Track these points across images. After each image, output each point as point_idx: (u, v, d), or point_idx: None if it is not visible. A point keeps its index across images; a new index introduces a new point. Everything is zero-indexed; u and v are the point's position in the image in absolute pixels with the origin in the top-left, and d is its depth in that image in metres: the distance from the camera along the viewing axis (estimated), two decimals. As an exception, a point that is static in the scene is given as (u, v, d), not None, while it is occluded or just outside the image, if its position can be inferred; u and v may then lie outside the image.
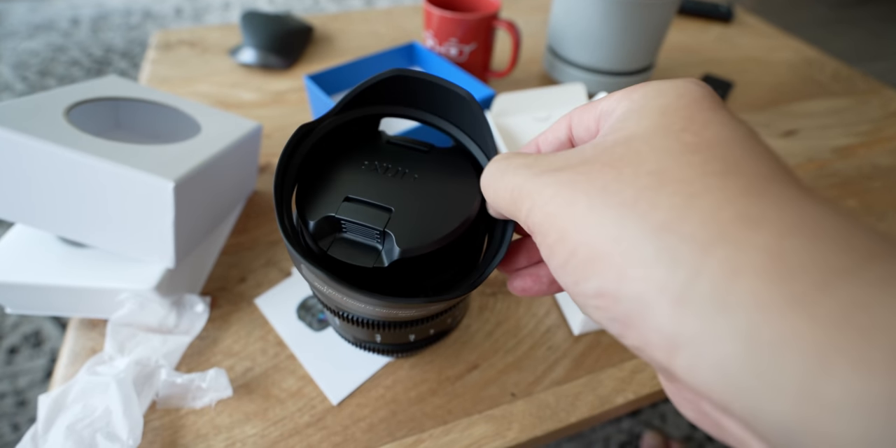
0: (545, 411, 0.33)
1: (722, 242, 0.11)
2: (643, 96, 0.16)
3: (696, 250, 0.11)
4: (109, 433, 0.29)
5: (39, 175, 0.30)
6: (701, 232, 0.12)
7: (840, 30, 2.26)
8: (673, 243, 0.12)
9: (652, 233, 0.12)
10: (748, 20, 0.85)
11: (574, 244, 0.14)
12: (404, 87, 0.23)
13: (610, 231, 0.13)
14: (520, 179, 0.16)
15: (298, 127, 0.22)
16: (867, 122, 0.63)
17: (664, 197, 0.13)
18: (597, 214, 0.13)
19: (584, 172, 0.15)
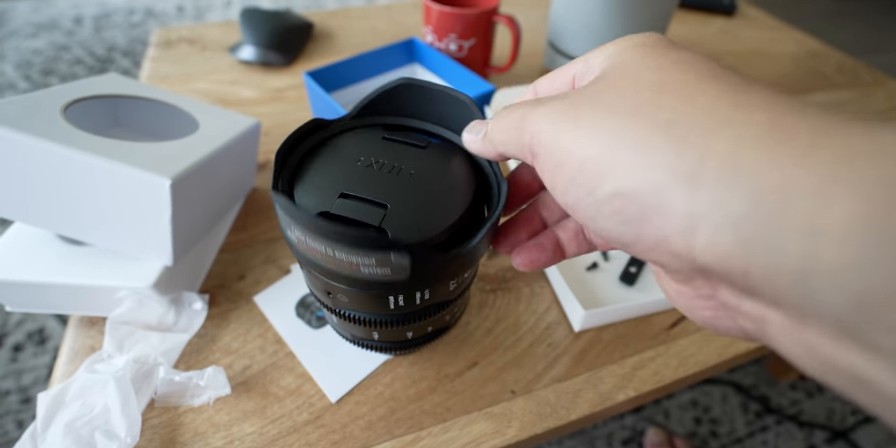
0: (545, 409, 0.33)
1: (724, 124, 0.13)
2: (615, 46, 0.17)
3: (701, 134, 0.13)
4: (108, 431, 0.29)
5: (37, 173, 0.30)
6: (704, 120, 0.13)
7: (842, 22, 2.24)
8: (680, 133, 0.13)
9: (659, 128, 0.13)
10: (751, 13, 0.84)
11: (583, 155, 0.15)
12: (410, 95, 0.25)
13: (619, 134, 0.14)
14: (523, 109, 0.18)
15: (312, 119, 0.24)
16: (872, 115, 0.62)
17: (665, 100, 0.14)
18: (605, 122, 0.15)
19: (586, 95, 0.16)
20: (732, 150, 0.12)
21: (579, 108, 0.16)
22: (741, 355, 0.37)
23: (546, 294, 0.39)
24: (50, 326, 1.02)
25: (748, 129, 0.12)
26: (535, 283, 0.40)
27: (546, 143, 0.16)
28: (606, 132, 0.14)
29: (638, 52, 0.16)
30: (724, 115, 0.13)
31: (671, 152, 0.13)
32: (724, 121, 0.13)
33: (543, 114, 0.17)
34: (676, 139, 0.13)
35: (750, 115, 0.13)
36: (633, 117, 0.14)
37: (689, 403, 0.94)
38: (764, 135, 0.12)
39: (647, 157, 0.13)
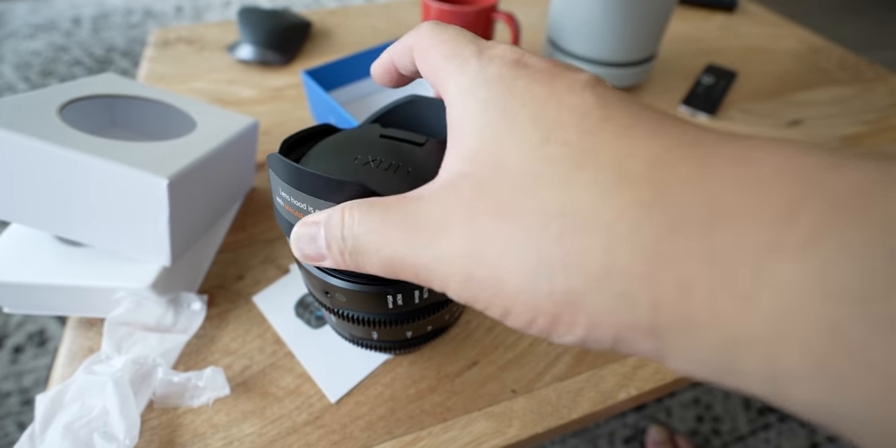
0: (546, 408, 0.33)
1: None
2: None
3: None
4: (106, 433, 0.29)
5: (33, 174, 0.29)
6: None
7: (845, 18, 2.23)
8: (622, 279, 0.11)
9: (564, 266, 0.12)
10: (752, 9, 0.83)
11: (525, 308, 0.13)
12: (418, 110, 0.26)
13: (553, 282, 0.12)
14: (399, 250, 0.15)
15: (323, 123, 0.24)
16: (874, 111, 0.62)
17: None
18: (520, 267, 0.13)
19: (473, 230, 0.13)
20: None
21: (478, 249, 0.13)
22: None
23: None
24: (50, 328, 1.02)
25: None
26: (535, 281, 0.40)
27: (463, 296, 0.14)
28: (531, 278, 0.12)
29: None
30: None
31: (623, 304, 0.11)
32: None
33: (430, 264, 0.14)
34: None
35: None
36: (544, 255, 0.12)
37: (691, 401, 0.94)
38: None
39: (599, 308, 0.12)
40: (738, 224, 0.10)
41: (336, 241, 0.17)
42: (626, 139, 0.12)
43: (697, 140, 0.12)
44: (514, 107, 0.14)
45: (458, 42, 0.16)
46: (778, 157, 0.10)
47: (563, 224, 0.12)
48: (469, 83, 0.15)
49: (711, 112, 0.58)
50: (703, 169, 0.11)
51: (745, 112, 0.60)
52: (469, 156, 0.14)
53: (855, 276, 0.08)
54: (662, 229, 0.11)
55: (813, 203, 0.09)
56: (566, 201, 0.12)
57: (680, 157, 0.11)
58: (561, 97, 0.14)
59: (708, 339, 0.10)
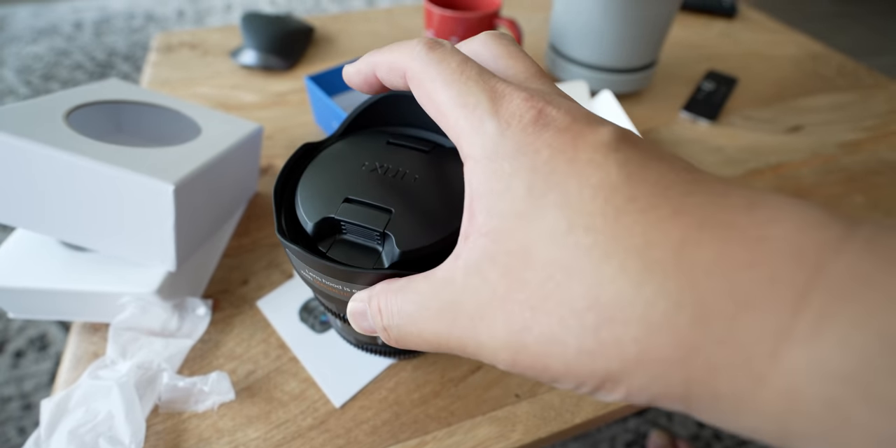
0: (549, 412, 0.33)
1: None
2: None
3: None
4: (112, 437, 0.29)
5: (40, 179, 0.30)
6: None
7: (843, 25, 2.24)
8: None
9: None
10: (752, 15, 0.84)
11: (570, 382, 0.14)
12: (394, 107, 0.24)
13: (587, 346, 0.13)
14: (442, 335, 0.16)
15: (302, 145, 0.23)
16: (873, 117, 0.62)
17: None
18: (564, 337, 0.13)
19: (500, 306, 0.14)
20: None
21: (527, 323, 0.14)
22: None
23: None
24: (51, 332, 1.02)
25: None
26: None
27: (520, 366, 0.15)
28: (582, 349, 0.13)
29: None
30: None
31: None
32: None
33: (482, 341, 0.15)
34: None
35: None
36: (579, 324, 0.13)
37: (692, 406, 0.94)
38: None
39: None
40: (755, 312, 0.11)
41: (380, 329, 0.18)
42: (650, 222, 0.12)
43: (717, 216, 0.12)
44: (539, 189, 0.14)
45: (465, 86, 0.15)
46: (791, 233, 0.11)
47: (597, 316, 0.12)
48: (488, 152, 0.15)
49: (712, 118, 0.59)
50: (722, 255, 0.12)
51: (746, 118, 0.61)
52: (495, 236, 0.14)
53: (852, 360, 0.10)
54: (690, 319, 0.11)
55: (819, 290, 0.10)
56: (597, 293, 0.12)
57: (702, 241, 0.12)
58: (584, 173, 0.13)
59: (731, 409, 0.12)
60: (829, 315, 0.10)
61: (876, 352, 0.10)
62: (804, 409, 0.10)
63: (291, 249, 0.20)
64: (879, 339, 0.10)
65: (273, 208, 0.22)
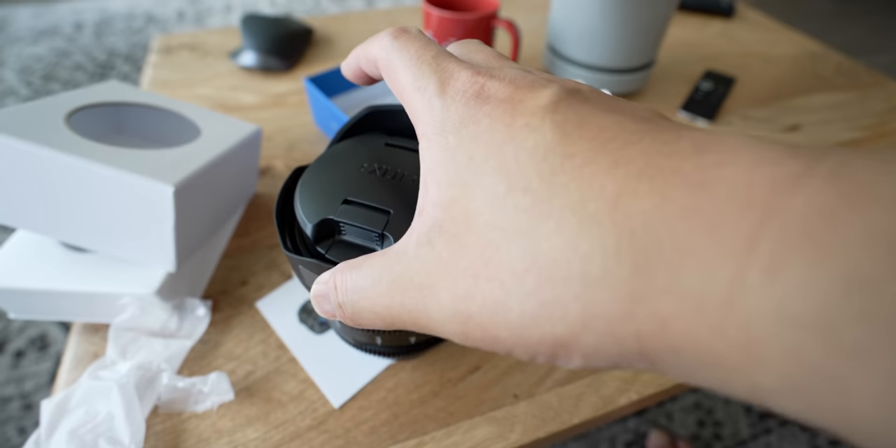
0: (548, 413, 0.33)
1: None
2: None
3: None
4: (112, 438, 0.29)
5: (40, 181, 0.30)
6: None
7: (841, 24, 2.24)
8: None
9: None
10: (749, 15, 0.84)
11: (523, 352, 0.13)
12: (381, 121, 0.25)
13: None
14: (394, 310, 0.16)
15: (294, 169, 0.24)
16: (871, 116, 0.62)
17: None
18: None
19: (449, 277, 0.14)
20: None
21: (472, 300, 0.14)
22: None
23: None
24: (52, 333, 1.02)
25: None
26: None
27: (478, 339, 0.14)
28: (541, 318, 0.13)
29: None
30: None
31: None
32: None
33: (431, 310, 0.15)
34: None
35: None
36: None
37: (693, 406, 0.94)
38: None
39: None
40: (700, 260, 0.10)
41: (336, 306, 0.17)
42: (586, 178, 0.12)
43: (659, 163, 0.12)
44: (479, 156, 0.14)
45: (420, 70, 0.16)
46: (739, 174, 0.10)
47: (537, 277, 0.12)
48: (436, 127, 0.15)
49: (710, 117, 0.59)
50: (662, 202, 0.11)
51: (744, 118, 0.61)
52: (442, 205, 0.15)
53: (812, 304, 0.09)
54: (631, 270, 0.11)
55: (769, 233, 0.10)
56: (535, 253, 0.12)
57: (640, 191, 0.11)
58: (519, 138, 0.13)
59: (693, 363, 0.11)
60: (784, 258, 0.09)
61: (839, 294, 0.09)
62: (767, 359, 0.10)
63: (300, 262, 0.21)
64: (842, 281, 0.09)
65: (276, 228, 0.22)
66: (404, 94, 0.17)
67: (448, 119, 0.15)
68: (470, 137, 0.14)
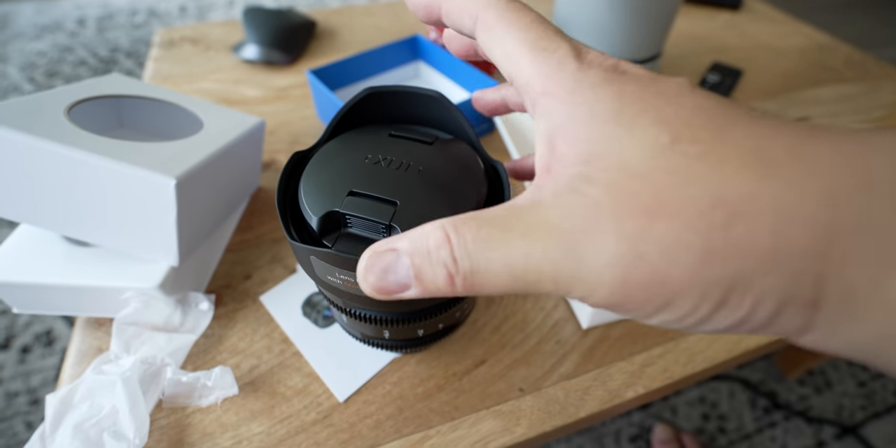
0: (554, 406, 0.33)
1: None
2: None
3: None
4: (116, 432, 0.29)
5: (42, 174, 0.29)
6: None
7: (850, 16, 2.22)
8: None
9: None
10: (757, 7, 0.83)
11: (690, 298, 0.12)
12: (380, 103, 0.25)
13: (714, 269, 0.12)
14: (533, 262, 0.13)
15: (292, 154, 0.23)
16: (880, 108, 0.61)
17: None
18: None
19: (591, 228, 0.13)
20: None
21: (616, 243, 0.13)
22: (751, 351, 0.37)
23: (553, 291, 0.39)
24: (58, 328, 1.03)
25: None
26: (542, 280, 0.40)
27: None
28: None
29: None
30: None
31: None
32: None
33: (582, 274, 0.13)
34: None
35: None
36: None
37: (697, 400, 0.94)
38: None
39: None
40: (886, 195, 0.11)
41: (439, 266, 0.14)
42: (756, 132, 0.12)
43: (818, 130, 0.12)
44: (631, 111, 0.13)
45: (545, 33, 0.16)
46: (889, 140, 0.11)
47: (725, 212, 0.12)
48: (569, 86, 0.14)
49: (717, 110, 0.58)
50: (837, 150, 0.11)
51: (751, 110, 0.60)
52: (585, 160, 0.14)
53: None
54: (821, 206, 0.11)
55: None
56: (721, 191, 0.12)
57: (813, 143, 0.12)
58: (676, 99, 0.13)
59: (861, 307, 0.11)
60: None
61: None
62: None
63: (302, 249, 0.20)
64: None
65: (279, 216, 0.22)
66: (518, 54, 0.16)
67: (586, 79, 0.14)
68: (616, 94, 0.14)
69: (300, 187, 0.22)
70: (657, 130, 0.13)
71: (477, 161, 0.23)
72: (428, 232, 0.15)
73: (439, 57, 0.56)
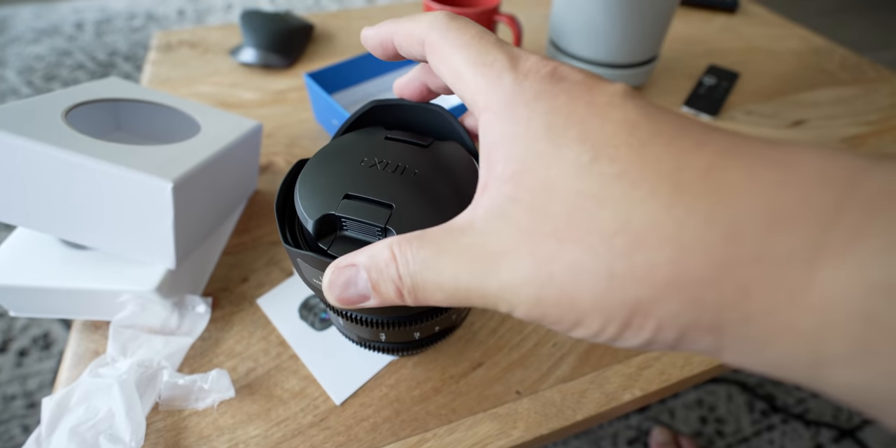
0: (551, 409, 0.33)
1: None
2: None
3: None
4: (112, 435, 0.29)
5: (39, 178, 0.30)
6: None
7: (846, 19, 2.23)
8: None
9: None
10: (753, 9, 0.83)
11: (596, 319, 0.13)
12: (383, 116, 0.25)
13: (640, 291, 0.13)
14: (462, 281, 0.15)
15: (296, 162, 0.24)
16: (876, 111, 0.62)
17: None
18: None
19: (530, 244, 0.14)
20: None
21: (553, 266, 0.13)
22: (748, 354, 0.37)
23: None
24: (55, 331, 1.02)
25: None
26: (539, 283, 0.40)
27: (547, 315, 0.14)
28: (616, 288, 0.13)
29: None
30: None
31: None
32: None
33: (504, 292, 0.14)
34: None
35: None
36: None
37: (695, 403, 0.94)
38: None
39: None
40: (788, 228, 0.11)
41: (388, 281, 0.16)
42: (675, 151, 0.12)
43: (740, 147, 0.12)
44: (558, 127, 0.14)
45: (485, 48, 0.16)
46: (816, 160, 0.11)
47: (628, 240, 0.12)
48: (505, 101, 0.15)
49: (714, 113, 0.58)
50: (751, 176, 0.12)
51: (748, 113, 0.60)
52: (514, 179, 0.14)
53: (887, 270, 0.10)
54: (722, 237, 0.11)
55: (852, 205, 0.10)
56: (627, 218, 0.12)
57: (728, 166, 0.12)
58: (603, 113, 0.14)
59: (763, 334, 0.11)
60: (864, 227, 0.10)
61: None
62: (841, 324, 0.10)
63: (291, 251, 0.21)
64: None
65: (276, 219, 0.22)
66: (461, 71, 0.16)
67: (521, 93, 0.15)
68: (547, 109, 0.14)
69: (296, 190, 0.22)
70: (580, 149, 0.13)
71: (473, 164, 0.23)
72: (380, 249, 0.16)
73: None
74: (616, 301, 0.12)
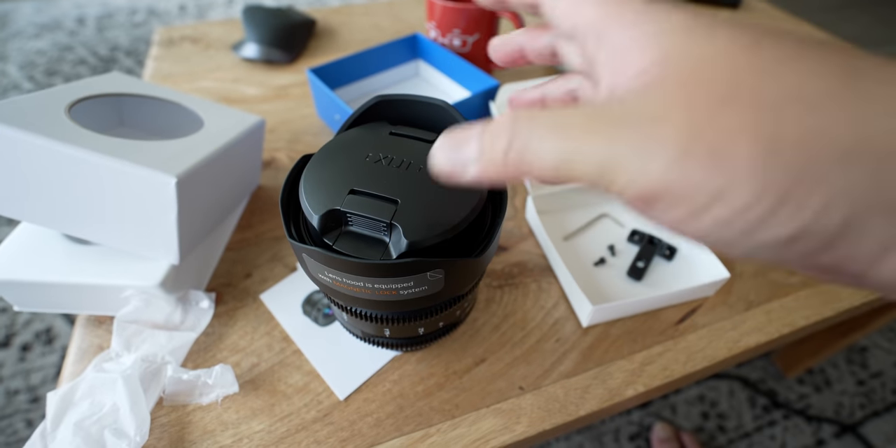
0: (554, 404, 0.33)
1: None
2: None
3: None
4: (117, 430, 0.29)
5: (43, 172, 0.30)
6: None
7: (848, 15, 2.22)
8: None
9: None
10: (756, 5, 0.83)
11: (750, 187, 0.11)
12: (388, 111, 0.25)
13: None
14: (583, 144, 0.13)
15: (300, 157, 0.24)
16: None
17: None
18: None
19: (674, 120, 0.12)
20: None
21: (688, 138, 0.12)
22: (750, 350, 0.37)
23: (553, 289, 0.39)
24: (57, 326, 1.03)
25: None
26: (542, 278, 0.40)
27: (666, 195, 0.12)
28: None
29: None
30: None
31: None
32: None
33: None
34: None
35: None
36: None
37: (697, 398, 0.94)
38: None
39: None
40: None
41: (502, 139, 0.15)
42: (840, 52, 0.12)
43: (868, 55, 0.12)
44: (707, 25, 0.13)
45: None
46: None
47: (800, 107, 0.11)
48: (641, 7, 0.15)
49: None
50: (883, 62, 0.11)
51: (751, 109, 0.60)
52: (662, 63, 0.13)
53: None
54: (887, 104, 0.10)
55: None
56: (800, 87, 0.11)
57: (880, 62, 0.12)
58: (733, 21, 0.14)
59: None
60: None
61: None
62: None
63: (305, 250, 0.21)
64: None
65: (281, 214, 0.22)
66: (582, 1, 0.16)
67: (653, 9, 0.15)
68: (690, 15, 0.14)
69: (301, 186, 0.22)
70: (738, 32, 0.13)
71: None
72: (499, 118, 0.15)
73: (439, 55, 0.56)
74: (778, 165, 0.11)
